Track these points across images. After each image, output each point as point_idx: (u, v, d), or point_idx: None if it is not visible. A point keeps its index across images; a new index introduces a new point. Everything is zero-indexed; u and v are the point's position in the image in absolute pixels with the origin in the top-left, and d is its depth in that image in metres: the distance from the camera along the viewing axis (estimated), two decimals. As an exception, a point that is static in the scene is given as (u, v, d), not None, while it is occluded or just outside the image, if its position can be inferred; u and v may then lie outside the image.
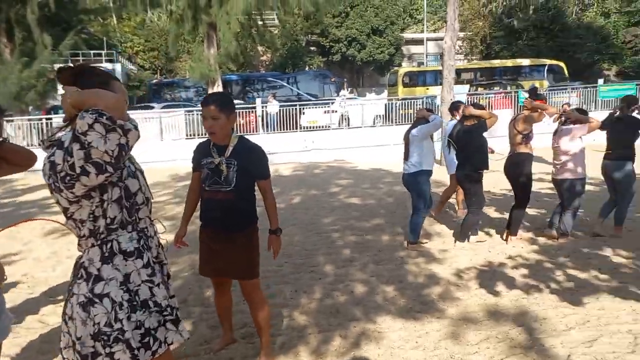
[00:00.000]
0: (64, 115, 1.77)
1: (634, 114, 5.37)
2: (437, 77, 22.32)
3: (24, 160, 2.09)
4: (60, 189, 1.63)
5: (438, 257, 4.90)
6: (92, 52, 28.72)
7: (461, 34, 28.12)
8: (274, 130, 16.20)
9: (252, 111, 16.36)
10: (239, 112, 16.07)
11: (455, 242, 5.32)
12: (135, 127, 1.64)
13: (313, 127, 16.38)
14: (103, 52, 30.23)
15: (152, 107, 19.29)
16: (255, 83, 25.89)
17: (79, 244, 1.76)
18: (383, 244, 5.46)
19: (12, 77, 15.57)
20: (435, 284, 4.19)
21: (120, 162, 1.63)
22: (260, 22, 19.55)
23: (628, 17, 33.76)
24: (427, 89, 23.97)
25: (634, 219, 5.81)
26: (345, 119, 17.46)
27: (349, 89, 31.68)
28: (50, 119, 15.05)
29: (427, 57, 34.67)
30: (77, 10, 20.77)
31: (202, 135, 15.40)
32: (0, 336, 2.11)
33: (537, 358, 2.88)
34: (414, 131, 5.15)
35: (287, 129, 15.84)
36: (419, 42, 35.17)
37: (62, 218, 1.81)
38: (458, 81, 24.01)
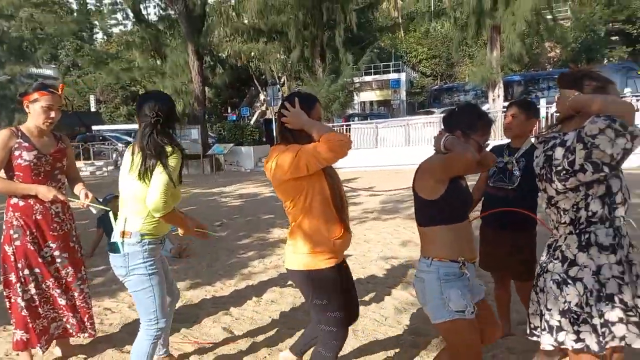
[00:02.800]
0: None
1: None
2: None
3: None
4: (552, 179, 1.88)
5: None
6: (381, 64, 32.11)
7: None
8: (560, 133, 14.84)
9: (536, 113, 15.41)
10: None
11: None
12: (638, 135, 1.71)
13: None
14: (391, 63, 33.33)
15: (433, 112, 20.31)
16: (540, 82, 24.05)
17: (556, 228, 1.99)
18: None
19: (322, 91, 18.94)
20: None
21: (620, 164, 1.77)
22: (549, 17, 18.15)
23: None
24: None
25: None
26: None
27: (665, 82, 25.94)
28: (349, 125, 17.67)
29: None
30: (373, 28, 23.63)
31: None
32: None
33: None
34: None
35: (577, 132, 14.27)
36: None
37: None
38: None
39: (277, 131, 2.35)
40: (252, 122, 27.64)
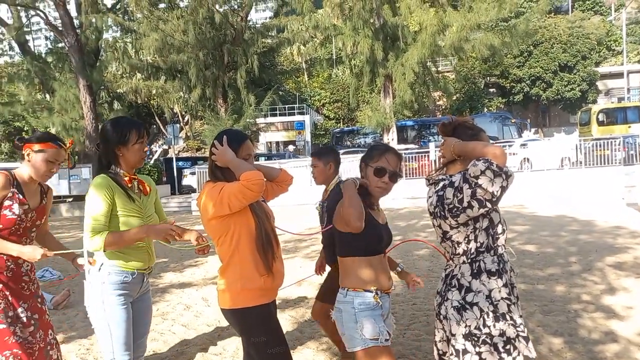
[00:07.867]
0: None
1: None
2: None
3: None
4: (446, 216, 2.06)
5: (621, 314, 4.42)
6: (286, 106, 32.84)
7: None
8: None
9: (426, 155, 16.67)
10: (413, 157, 16.52)
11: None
12: (511, 174, 1.95)
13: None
14: (295, 105, 34.24)
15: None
16: (430, 127, 26.17)
17: (451, 259, 2.17)
18: (556, 295, 5.12)
19: (225, 131, 18.93)
20: (613, 341, 3.82)
21: (499, 200, 1.98)
22: (434, 69, 20.02)
23: None
24: (629, 126, 21.10)
25: None
26: (526, 161, 16.54)
27: (533, 129, 29.63)
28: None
29: (629, 92, 30.48)
30: (275, 72, 24.26)
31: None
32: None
33: None
34: None
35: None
36: (619, 75, 31.22)
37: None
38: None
39: (208, 168, 2.37)
40: (152, 162, 26.50)
